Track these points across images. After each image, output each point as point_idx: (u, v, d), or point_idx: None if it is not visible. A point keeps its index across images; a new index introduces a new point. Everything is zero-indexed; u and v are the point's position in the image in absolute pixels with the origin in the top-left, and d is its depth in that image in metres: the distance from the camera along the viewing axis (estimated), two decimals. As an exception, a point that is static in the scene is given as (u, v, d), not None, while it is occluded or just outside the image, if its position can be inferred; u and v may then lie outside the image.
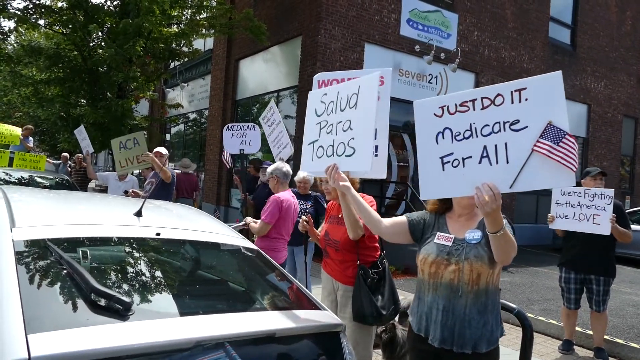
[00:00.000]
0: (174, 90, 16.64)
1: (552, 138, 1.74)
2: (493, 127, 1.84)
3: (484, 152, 1.85)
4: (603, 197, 4.11)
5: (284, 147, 5.23)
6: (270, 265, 2.32)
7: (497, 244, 1.90)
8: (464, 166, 1.89)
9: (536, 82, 1.80)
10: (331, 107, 2.33)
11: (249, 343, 1.63)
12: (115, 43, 9.94)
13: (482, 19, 12.08)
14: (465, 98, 1.91)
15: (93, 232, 2.00)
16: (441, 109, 1.95)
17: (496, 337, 2.11)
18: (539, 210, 12.64)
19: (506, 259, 1.97)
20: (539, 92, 1.78)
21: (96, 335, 1.34)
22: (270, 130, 5.37)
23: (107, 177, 6.74)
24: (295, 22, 10.49)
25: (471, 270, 2.04)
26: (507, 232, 1.87)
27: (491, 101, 1.86)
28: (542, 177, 1.76)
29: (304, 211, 4.93)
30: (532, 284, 7.67)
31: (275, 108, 5.35)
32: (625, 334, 5.14)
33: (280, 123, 5.29)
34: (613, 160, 15.70)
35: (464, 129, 1.90)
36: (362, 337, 2.90)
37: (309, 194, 5.15)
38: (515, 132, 1.80)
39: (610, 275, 4.43)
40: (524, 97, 1.80)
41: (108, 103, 10.48)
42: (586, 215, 4.18)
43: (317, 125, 2.40)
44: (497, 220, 1.83)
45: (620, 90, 15.95)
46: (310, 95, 2.53)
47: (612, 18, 15.49)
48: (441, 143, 1.94)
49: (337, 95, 2.31)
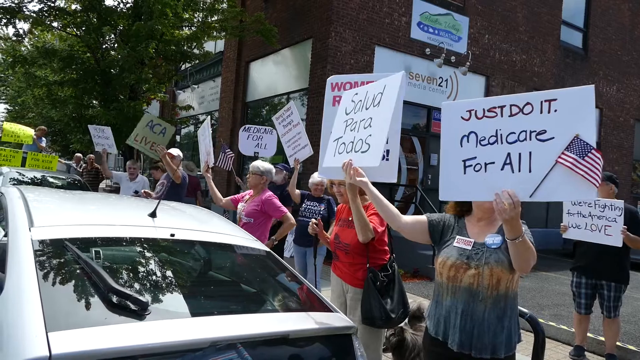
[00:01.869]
0: (184, 92, 16.76)
1: (578, 151, 1.73)
2: (519, 135, 1.84)
3: (507, 159, 1.85)
4: (613, 209, 4.10)
5: (301, 148, 5.20)
6: (281, 266, 2.33)
7: (516, 252, 1.90)
8: (486, 171, 1.89)
9: (567, 94, 1.79)
10: (359, 106, 2.40)
11: (262, 344, 1.64)
12: (128, 45, 10.05)
13: (493, 22, 12.03)
14: (494, 104, 1.92)
15: (109, 233, 2.03)
16: (469, 112, 1.96)
17: (514, 342, 2.11)
18: (549, 215, 12.54)
19: (525, 267, 1.95)
20: (569, 104, 1.77)
21: (114, 334, 1.37)
22: (285, 130, 5.34)
23: (120, 177, 6.83)
24: (306, 24, 10.53)
25: (491, 275, 2.03)
26: (526, 239, 1.87)
27: (520, 109, 1.86)
28: (563, 189, 1.75)
29: (316, 213, 4.96)
30: (542, 289, 7.61)
31: (295, 109, 5.31)
32: (638, 341, 5.08)
33: (300, 124, 5.27)
34: (625, 165, 15.53)
35: (490, 135, 1.91)
36: (371, 340, 2.91)
37: (322, 197, 5.15)
38: (541, 142, 1.80)
39: (621, 282, 4.39)
40: (553, 108, 1.79)
41: (120, 104, 10.57)
42: (598, 226, 4.17)
43: (344, 123, 2.46)
44: (516, 228, 1.83)
45: (633, 94, 15.79)
46: (344, 95, 2.61)
47: (624, 21, 15.35)
48: (465, 146, 1.96)
49: (365, 95, 2.37)
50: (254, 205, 4.12)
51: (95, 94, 11.77)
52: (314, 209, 5.00)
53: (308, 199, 5.13)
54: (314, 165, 9.23)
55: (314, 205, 5.03)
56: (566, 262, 4.94)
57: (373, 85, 2.37)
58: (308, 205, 5.06)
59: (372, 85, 2.38)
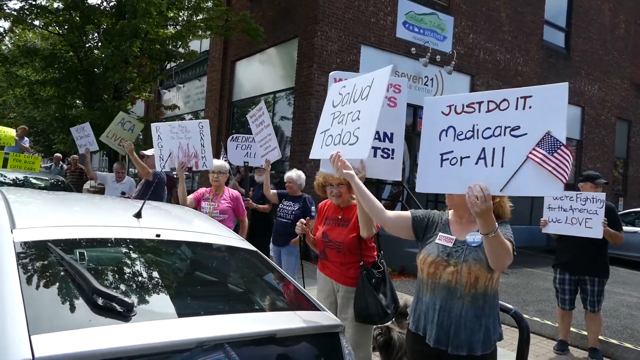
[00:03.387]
0: (169, 91, 16.61)
1: (548, 148, 1.76)
2: (494, 131, 1.88)
3: (482, 154, 1.89)
4: (595, 201, 4.16)
5: (271, 149, 5.12)
6: (268, 266, 2.33)
7: (490, 247, 1.91)
8: (461, 165, 1.94)
9: (542, 91, 1.83)
10: (346, 99, 2.42)
11: (249, 344, 1.64)
12: (112, 44, 9.92)
13: (478, 22, 12.15)
14: (473, 100, 1.97)
15: (93, 234, 2.01)
16: (449, 107, 2.01)
17: (493, 341, 2.12)
18: (533, 212, 12.71)
19: (499, 264, 1.97)
20: (543, 101, 1.81)
21: (99, 336, 1.35)
22: (258, 129, 5.27)
23: (105, 178, 6.74)
24: (292, 24, 10.51)
25: (469, 273, 2.05)
26: (499, 235, 1.88)
27: (497, 105, 1.90)
28: (532, 184, 1.79)
29: (289, 213, 4.92)
30: (527, 285, 7.72)
31: (265, 109, 5.23)
32: (619, 334, 5.19)
33: (270, 126, 5.16)
34: (606, 162, 15.82)
35: (467, 129, 1.95)
36: (362, 339, 2.92)
37: (300, 195, 5.08)
38: (514, 137, 1.84)
39: (603, 276, 4.48)
40: (528, 104, 1.83)
41: (104, 104, 10.44)
42: (578, 219, 4.23)
43: (331, 116, 2.49)
44: (489, 222, 1.84)
45: (614, 93, 16.09)
46: (331, 87, 2.63)
47: (605, 22, 15.63)
48: (443, 140, 2.00)
49: (353, 88, 2.40)
50: (226, 202, 4.34)
51: (78, 93, 11.61)
52: (288, 208, 4.97)
53: (286, 198, 5.08)
54: (314, 164, 9.22)
55: (288, 205, 5.00)
56: (550, 258, 5.03)
57: (361, 78, 2.39)
58: (284, 205, 5.02)
59: (360, 79, 2.40)
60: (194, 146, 4.31)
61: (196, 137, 4.29)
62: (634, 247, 10.19)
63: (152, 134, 4.53)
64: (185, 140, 4.32)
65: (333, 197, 3.06)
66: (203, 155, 4.28)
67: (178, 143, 4.35)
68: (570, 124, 14.39)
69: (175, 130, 4.39)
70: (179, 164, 4.28)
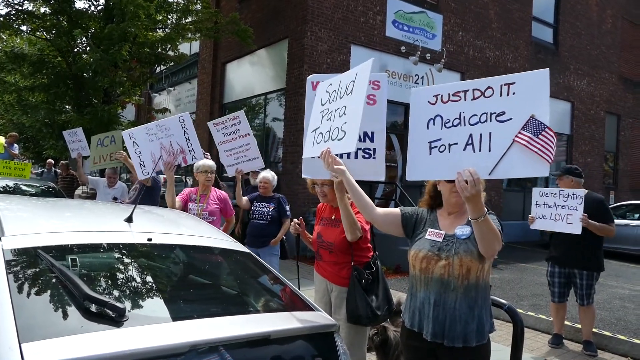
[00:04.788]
0: (160, 94, 16.53)
1: (533, 130, 1.83)
2: (480, 117, 1.94)
3: (469, 140, 1.95)
4: (575, 197, 4.24)
5: (248, 160, 4.89)
6: (262, 267, 2.32)
7: (480, 233, 1.95)
8: (450, 152, 1.99)
9: (524, 78, 1.90)
10: (333, 96, 2.43)
11: (244, 346, 1.64)
12: (101, 48, 9.86)
13: (467, 20, 12.21)
14: (459, 88, 2.02)
15: (84, 239, 1.99)
16: (435, 97, 2.06)
17: (486, 332, 2.15)
18: (526, 208, 12.79)
19: (490, 250, 2.01)
20: (526, 87, 1.88)
21: (91, 342, 1.34)
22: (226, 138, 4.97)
23: (97, 183, 6.67)
24: (282, 25, 10.51)
25: (461, 265, 2.08)
26: (488, 219, 1.92)
27: (481, 93, 1.96)
28: (519, 166, 1.85)
29: (265, 214, 4.89)
30: (521, 280, 7.77)
31: (245, 119, 4.93)
32: (612, 327, 5.23)
33: (248, 135, 4.88)
34: (597, 157, 15.97)
35: (454, 117, 2.00)
36: (356, 338, 2.92)
37: (272, 196, 5.03)
38: (500, 123, 1.90)
39: (593, 270, 4.51)
40: (512, 91, 1.89)
41: (94, 109, 10.38)
42: (561, 215, 4.33)
43: (320, 114, 2.50)
44: (478, 206, 1.89)
45: (603, 87, 16.24)
46: (319, 86, 2.63)
47: (592, 17, 15.77)
48: (431, 129, 2.05)
49: (339, 84, 2.41)
50: (214, 203, 4.31)
51: (67, 98, 11.53)
52: (262, 210, 4.92)
53: (257, 200, 5.01)
54: (296, 166, 9.21)
55: (262, 206, 4.94)
56: (544, 253, 5.06)
57: (346, 74, 2.41)
58: (257, 207, 4.96)
59: (345, 75, 2.42)
60: (177, 142, 4.09)
61: (179, 132, 4.08)
62: (625, 239, 10.29)
63: (126, 143, 4.26)
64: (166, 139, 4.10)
65: (320, 196, 3.08)
66: (190, 149, 4.07)
67: (159, 144, 4.12)
68: (560, 119, 14.52)
69: (153, 132, 4.16)
70: (165, 165, 4.06)
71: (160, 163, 4.05)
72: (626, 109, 17.28)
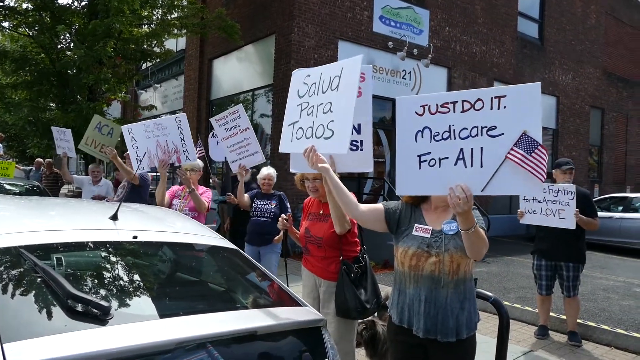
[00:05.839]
0: (146, 91, 16.37)
1: (526, 148, 1.79)
2: (471, 131, 1.89)
3: (460, 155, 1.90)
4: (566, 193, 4.27)
5: (249, 154, 4.86)
6: (249, 264, 2.32)
7: (469, 241, 1.96)
8: (440, 166, 1.93)
9: (515, 91, 1.85)
10: (313, 89, 2.34)
11: (231, 342, 1.63)
12: (85, 44, 9.71)
13: (453, 15, 12.27)
14: (447, 99, 1.94)
15: (68, 238, 1.97)
16: (422, 107, 1.98)
17: (475, 323, 2.18)
18: (513, 202, 12.94)
19: (477, 255, 2.02)
20: (517, 101, 1.83)
21: (75, 341, 1.33)
22: (228, 134, 4.94)
23: (82, 181, 6.59)
24: (268, 20, 10.45)
25: (452, 261, 2.09)
26: (478, 229, 1.93)
27: (471, 105, 1.90)
28: (512, 184, 1.82)
29: (268, 212, 4.88)
30: (508, 273, 7.86)
31: (244, 113, 4.91)
32: (596, 317, 5.33)
33: (248, 129, 4.87)
34: (582, 150, 16.19)
35: (443, 130, 1.94)
36: (345, 332, 2.93)
37: (272, 193, 5.03)
38: (491, 137, 1.85)
39: (579, 262, 4.59)
40: (502, 104, 1.84)
41: (79, 106, 10.22)
42: (552, 211, 4.34)
43: (298, 107, 2.40)
44: (469, 219, 1.89)
45: (587, 82, 16.45)
46: (294, 76, 2.53)
47: (577, 12, 15.94)
48: (420, 141, 1.98)
49: (319, 77, 2.32)
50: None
51: (51, 96, 11.35)
52: (264, 207, 4.90)
53: (258, 198, 5.00)
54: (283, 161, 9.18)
55: (264, 203, 4.92)
56: (530, 246, 5.12)
57: (327, 67, 2.32)
58: (258, 204, 4.93)
59: (326, 68, 2.33)
60: (173, 142, 4.16)
61: (174, 132, 4.15)
62: (609, 232, 10.47)
63: (125, 137, 4.35)
64: (162, 137, 4.18)
65: (310, 191, 3.07)
66: (185, 150, 4.14)
67: (155, 141, 4.21)
68: (545, 113, 14.68)
69: (151, 129, 4.24)
70: (159, 162, 4.15)
71: (155, 160, 4.13)
72: (610, 103, 17.54)
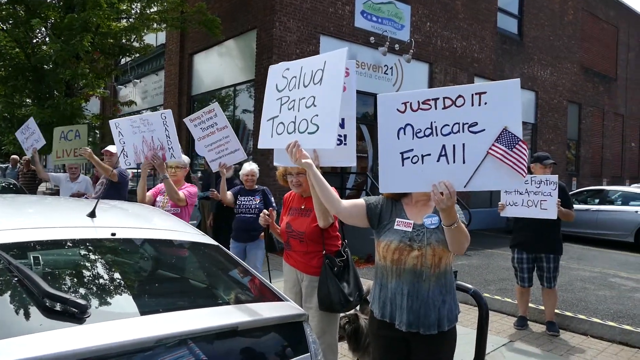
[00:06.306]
0: (126, 87, 16.09)
1: (507, 143, 1.82)
2: (453, 128, 1.91)
3: (443, 151, 1.91)
4: (548, 183, 4.33)
5: (229, 152, 4.77)
6: (230, 259, 2.31)
7: (452, 236, 1.99)
8: (423, 163, 1.94)
9: (496, 87, 1.87)
10: (294, 83, 2.30)
11: (212, 338, 1.63)
12: (61, 39, 9.50)
13: (434, 10, 12.34)
14: (428, 96, 1.95)
15: (44, 236, 1.93)
16: (404, 104, 1.98)
17: (455, 315, 2.21)
18: (494, 196, 13.14)
19: (459, 249, 2.05)
20: (498, 97, 1.85)
21: (50, 340, 1.31)
22: (204, 133, 4.85)
23: (59, 178, 6.44)
24: (250, 15, 10.36)
25: (434, 255, 2.11)
26: (460, 224, 1.95)
27: (452, 102, 1.91)
28: (494, 179, 1.85)
29: (252, 208, 4.87)
30: (489, 266, 7.99)
31: (220, 111, 4.79)
32: (574, 307, 5.46)
33: (226, 128, 4.77)
34: (560, 145, 16.51)
35: (425, 127, 1.95)
36: (328, 326, 2.95)
37: (255, 188, 5.03)
38: (473, 134, 1.87)
39: (558, 253, 4.70)
40: (483, 100, 1.86)
41: (56, 102, 10.01)
42: (534, 202, 4.39)
43: (277, 101, 2.36)
44: (452, 215, 1.91)
45: (565, 77, 16.76)
46: (271, 69, 2.47)
47: (555, 8, 16.21)
48: (402, 138, 1.98)
49: (300, 71, 2.28)
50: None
51: (27, 91, 11.09)
52: (248, 203, 4.90)
53: (241, 194, 5.00)
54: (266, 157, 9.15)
55: (248, 199, 4.93)
56: (510, 239, 5.21)
57: (308, 60, 2.29)
58: (242, 201, 4.95)
59: (307, 61, 2.30)
60: (158, 138, 4.07)
61: (160, 128, 4.05)
62: (586, 224, 10.71)
63: (112, 131, 4.28)
64: (148, 133, 4.09)
65: (294, 186, 3.06)
66: (170, 147, 4.04)
67: (142, 137, 4.13)
68: (524, 108, 14.90)
69: (137, 124, 4.15)
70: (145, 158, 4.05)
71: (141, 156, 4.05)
72: (587, 98, 17.90)
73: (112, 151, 5.48)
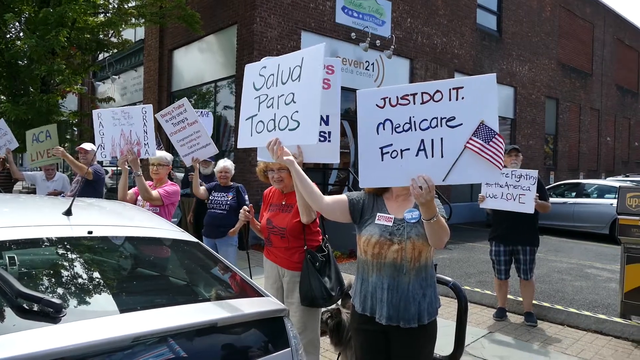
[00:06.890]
0: (104, 83, 15.80)
1: (484, 137, 1.85)
2: (431, 122, 1.93)
3: (421, 146, 1.94)
4: (528, 178, 4.42)
5: (201, 147, 4.72)
6: (210, 256, 2.30)
7: (432, 230, 2.01)
8: (402, 157, 1.96)
9: (472, 82, 1.90)
10: (271, 81, 2.29)
11: (192, 335, 1.62)
12: (36, 34, 9.26)
13: (415, 6, 12.41)
14: (407, 92, 1.97)
15: (19, 235, 1.89)
16: (383, 100, 2.00)
17: (435, 308, 2.24)
18: (474, 190, 13.32)
19: (439, 243, 2.07)
20: (474, 91, 1.88)
21: (23, 340, 1.29)
22: (175, 128, 4.80)
23: (34, 177, 6.31)
24: (230, 10, 10.27)
25: (413, 249, 2.13)
26: (440, 218, 1.98)
27: (430, 97, 1.93)
28: (472, 172, 1.88)
29: (224, 204, 4.84)
30: (469, 259, 8.11)
31: (189, 106, 4.77)
32: (551, 298, 5.59)
33: (197, 122, 4.73)
34: (538, 139, 16.81)
35: (404, 122, 1.97)
36: (310, 321, 2.96)
37: (230, 185, 5.01)
38: (450, 128, 1.90)
39: (535, 245, 4.80)
40: (460, 95, 1.89)
41: (31, 99, 9.76)
42: (513, 195, 4.47)
43: (255, 100, 2.35)
44: (431, 209, 1.93)
45: (543, 73, 17.05)
46: (247, 68, 2.46)
47: (533, 4, 16.45)
48: (381, 133, 2.00)
49: (277, 68, 2.28)
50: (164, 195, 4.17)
51: (1, 87, 10.79)
52: (220, 199, 4.88)
53: (215, 190, 4.98)
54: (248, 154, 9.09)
55: (220, 195, 4.91)
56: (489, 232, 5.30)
57: (286, 57, 2.28)
58: (215, 196, 4.93)
59: (284, 58, 2.29)
60: (136, 133, 3.99)
61: (139, 123, 3.97)
62: (563, 216, 10.95)
63: (94, 121, 4.20)
64: (127, 127, 4.00)
65: (275, 182, 3.05)
66: (146, 143, 3.97)
67: (120, 130, 4.04)
68: (503, 103, 15.13)
69: (118, 117, 4.07)
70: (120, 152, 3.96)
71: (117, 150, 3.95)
72: (564, 93, 18.26)
73: (86, 148, 5.39)
